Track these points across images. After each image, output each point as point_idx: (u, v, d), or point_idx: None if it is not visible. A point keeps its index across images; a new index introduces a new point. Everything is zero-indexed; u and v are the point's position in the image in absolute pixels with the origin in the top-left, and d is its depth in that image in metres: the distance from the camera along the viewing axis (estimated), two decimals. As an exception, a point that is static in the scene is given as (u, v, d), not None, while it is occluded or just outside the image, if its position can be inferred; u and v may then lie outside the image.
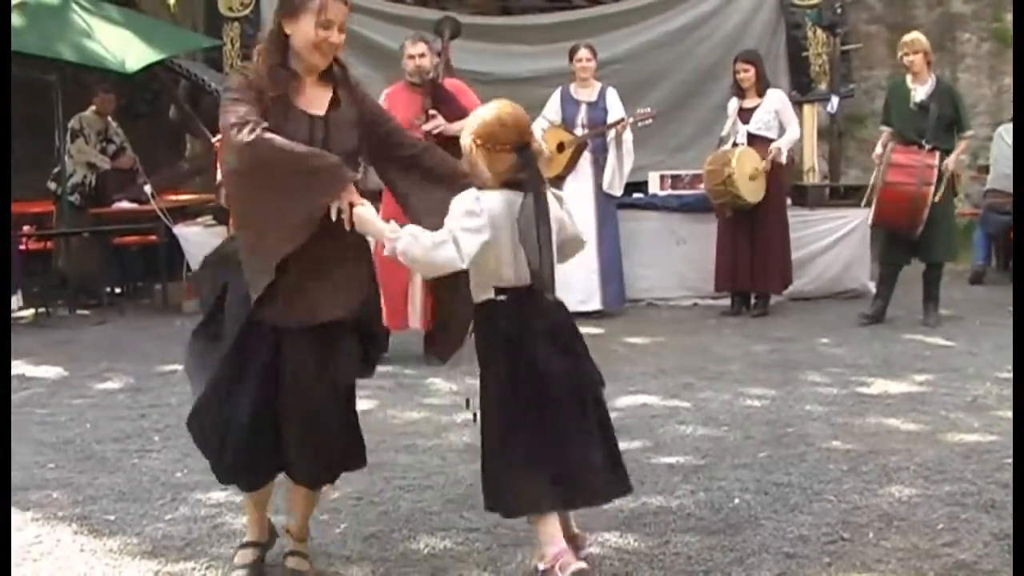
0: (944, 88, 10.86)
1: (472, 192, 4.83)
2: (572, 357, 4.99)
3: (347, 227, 4.66)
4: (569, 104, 11.70)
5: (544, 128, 11.61)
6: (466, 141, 4.89)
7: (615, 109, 11.57)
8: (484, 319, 4.96)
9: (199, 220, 12.90)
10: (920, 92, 10.65)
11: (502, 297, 4.91)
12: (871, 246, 11.81)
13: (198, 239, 12.41)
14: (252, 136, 4.54)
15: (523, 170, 4.83)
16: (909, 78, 10.77)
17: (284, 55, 4.88)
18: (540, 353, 4.86)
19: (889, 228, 10.75)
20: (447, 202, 4.81)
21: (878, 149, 11.07)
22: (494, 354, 4.90)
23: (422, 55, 9.68)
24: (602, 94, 11.69)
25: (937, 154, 10.37)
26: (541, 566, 4.78)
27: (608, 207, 11.69)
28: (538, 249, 4.74)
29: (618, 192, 11.73)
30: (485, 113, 4.94)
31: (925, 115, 10.56)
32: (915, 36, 10.94)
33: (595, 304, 11.52)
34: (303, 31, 4.82)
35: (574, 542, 5.00)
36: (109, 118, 13.92)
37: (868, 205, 11.48)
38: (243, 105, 4.67)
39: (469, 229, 4.71)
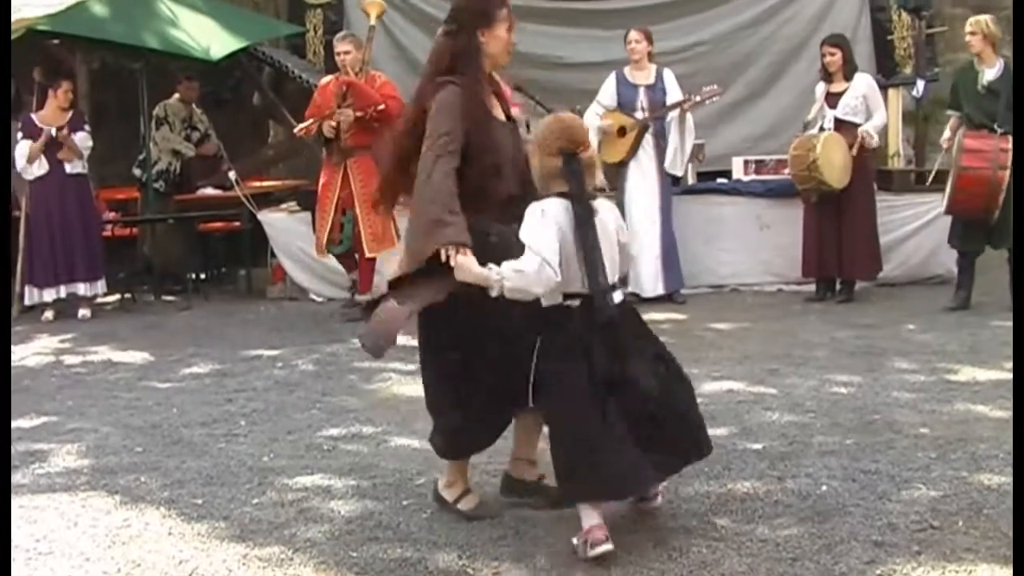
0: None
1: (536, 205, 5.16)
2: (622, 362, 5.16)
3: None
4: (627, 88, 11.64)
5: (600, 114, 11.57)
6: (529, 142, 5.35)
7: (673, 91, 11.54)
8: (554, 323, 5.22)
9: (283, 206, 12.96)
10: (988, 74, 10.52)
11: (571, 302, 5.19)
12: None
13: (282, 225, 12.50)
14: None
15: (568, 177, 5.14)
16: (976, 61, 10.66)
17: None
18: (596, 356, 5.11)
19: (965, 215, 10.61)
20: None
21: (946, 134, 10.98)
22: (564, 354, 5.18)
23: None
24: (659, 76, 11.64)
25: (1010, 137, 10.23)
26: (575, 540, 5.17)
27: (668, 189, 11.68)
28: (585, 257, 5.06)
29: (679, 172, 11.72)
30: (546, 118, 5.43)
31: (995, 98, 10.41)
32: (976, 18, 10.81)
33: (659, 289, 11.46)
34: (498, 37, 5.62)
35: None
36: (193, 105, 14.02)
37: (934, 189, 11.49)
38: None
39: (548, 244, 5.03)
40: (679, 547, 5.18)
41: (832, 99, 11.30)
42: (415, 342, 5.35)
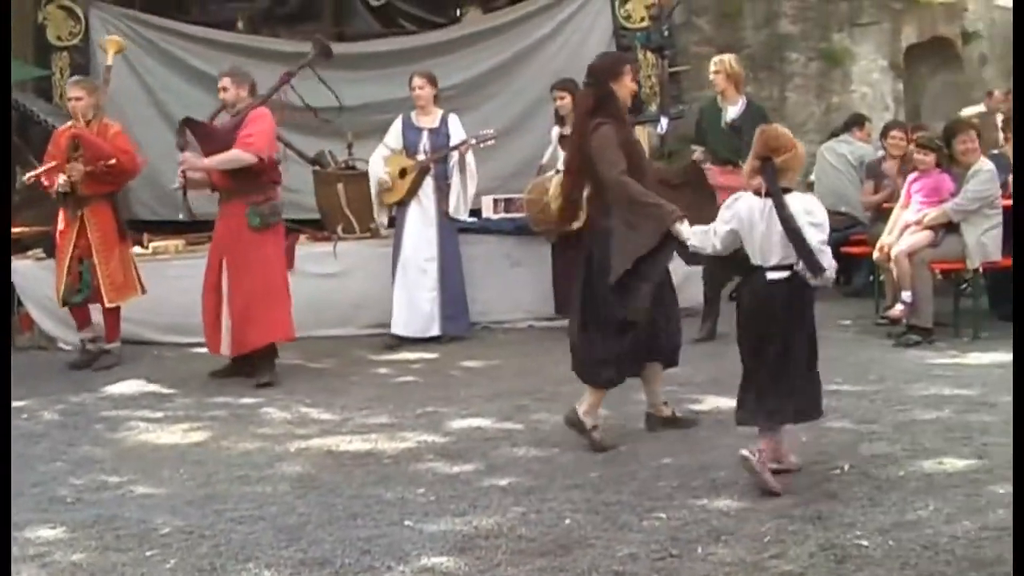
0: (755, 109, 11.10)
1: (732, 197, 6.81)
2: (776, 320, 6.56)
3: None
4: (411, 131, 11.64)
5: (385, 156, 11.58)
6: None
7: (457, 134, 11.59)
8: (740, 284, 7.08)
9: (30, 253, 12.65)
10: (731, 112, 10.87)
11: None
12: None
13: (29, 272, 12.20)
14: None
15: (763, 177, 6.51)
16: (719, 98, 10.98)
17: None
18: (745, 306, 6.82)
19: None
20: None
21: None
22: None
23: (225, 88, 10.16)
24: (444, 120, 11.67)
25: None
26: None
27: (450, 232, 11.69)
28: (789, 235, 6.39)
29: (464, 215, 11.70)
30: (759, 128, 6.84)
31: (737, 135, 10.73)
32: (720, 57, 11.25)
33: (435, 330, 11.48)
34: (627, 86, 7.73)
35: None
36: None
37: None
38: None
39: (716, 225, 6.79)
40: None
41: (565, 141, 11.48)
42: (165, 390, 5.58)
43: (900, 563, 5.29)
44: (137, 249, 12.23)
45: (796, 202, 6.46)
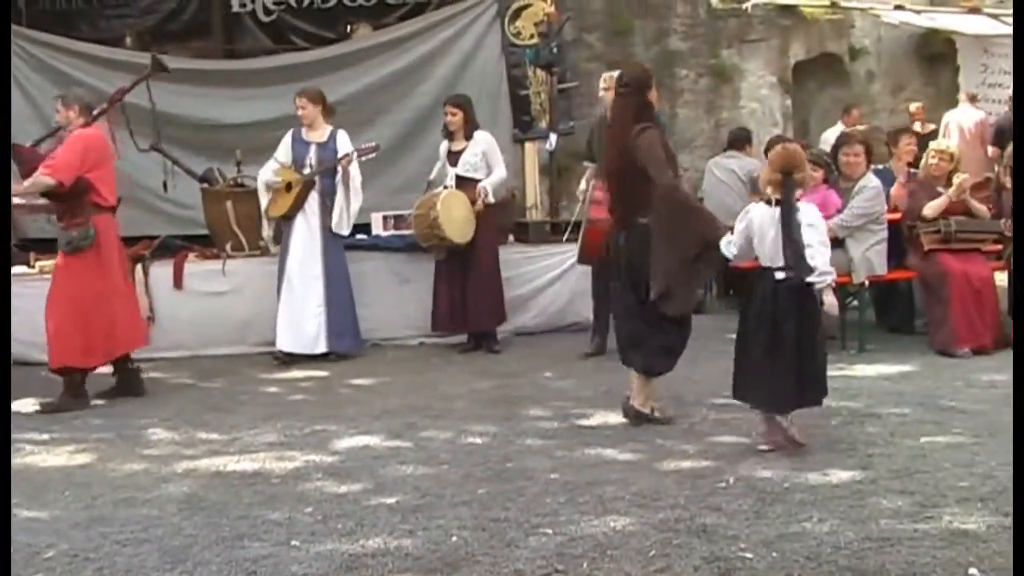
0: None
1: (747, 208, 7.84)
2: (782, 310, 7.40)
3: None
4: (300, 145, 11.58)
5: (275, 169, 11.52)
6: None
7: (344, 149, 11.49)
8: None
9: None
10: None
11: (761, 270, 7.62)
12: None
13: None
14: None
15: (783, 190, 7.31)
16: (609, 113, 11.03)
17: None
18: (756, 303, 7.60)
19: (594, 264, 10.90)
20: None
21: (582, 185, 11.41)
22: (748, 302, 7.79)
23: (57, 111, 10.16)
24: (332, 136, 11.61)
25: None
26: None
27: (336, 248, 11.59)
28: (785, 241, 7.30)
29: (346, 231, 11.58)
30: (778, 147, 7.76)
31: None
32: (609, 73, 11.18)
33: (321, 347, 11.41)
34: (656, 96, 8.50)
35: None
36: None
37: (572, 240, 11.68)
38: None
39: (737, 230, 7.68)
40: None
41: (453, 157, 11.56)
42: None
43: (784, 574, 5.35)
44: (24, 268, 12.10)
45: (804, 211, 7.40)
